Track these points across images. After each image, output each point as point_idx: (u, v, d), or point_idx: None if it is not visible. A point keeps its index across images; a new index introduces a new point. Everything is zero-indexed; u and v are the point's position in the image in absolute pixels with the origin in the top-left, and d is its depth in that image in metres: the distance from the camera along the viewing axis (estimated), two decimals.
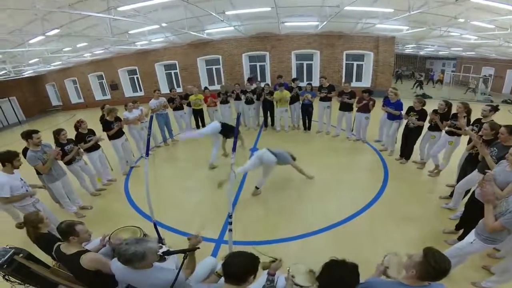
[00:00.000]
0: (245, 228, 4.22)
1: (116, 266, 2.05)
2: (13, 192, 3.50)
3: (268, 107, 8.74)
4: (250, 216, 4.57)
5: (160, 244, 2.56)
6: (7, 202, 3.57)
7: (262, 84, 8.73)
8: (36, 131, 4.21)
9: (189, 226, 4.31)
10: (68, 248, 2.31)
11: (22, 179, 3.68)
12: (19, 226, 2.76)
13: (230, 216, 2.73)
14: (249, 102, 8.74)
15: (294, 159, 5.26)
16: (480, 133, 4.05)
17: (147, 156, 3.36)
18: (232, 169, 2.75)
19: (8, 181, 3.47)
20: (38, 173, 4.62)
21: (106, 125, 5.99)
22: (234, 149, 2.80)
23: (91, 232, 2.51)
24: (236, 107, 9.17)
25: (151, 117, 3.71)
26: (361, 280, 1.82)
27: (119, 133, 6.24)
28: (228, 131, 6.13)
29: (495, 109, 4.31)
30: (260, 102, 8.74)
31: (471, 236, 2.78)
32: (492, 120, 4.08)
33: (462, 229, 3.66)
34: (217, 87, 13.72)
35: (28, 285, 2.48)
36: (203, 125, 9.05)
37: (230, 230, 2.80)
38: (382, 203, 4.76)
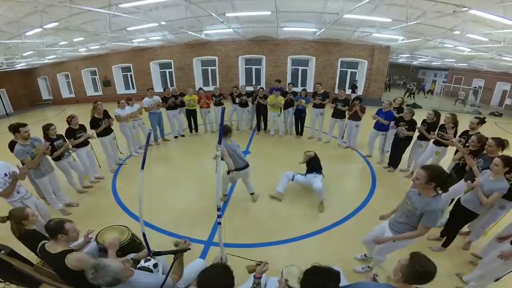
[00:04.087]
0: (235, 231, 4.23)
1: None
2: None
3: (262, 111, 8.73)
4: (241, 219, 4.57)
5: (149, 257, 2.52)
6: (5, 195, 3.44)
7: (258, 88, 8.76)
8: (24, 125, 4.09)
9: (178, 227, 4.29)
10: (53, 247, 2.26)
11: (6, 175, 3.51)
12: (2, 220, 2.69)
13: (218, 209, 2.70)
14: (243, 105, 8.75)
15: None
16: (467, 144, 4.18)
17: (143, 169, 3.21)
18: (217, 161, 2.68)
19: None
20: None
21: (94, 122, 5.88)
22: (220, 142, 2.67)
23: (79, 231, 2.48)
24: (231, 110, 9.18)
25: (149, 134, 3.53)
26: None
27: (108, 130, 6.15)
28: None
29: (482, 121, 4.46)
30: (254, 106, 8.75)
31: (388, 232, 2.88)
32: (479, 133, 4.23)
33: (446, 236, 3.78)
34: (211, 88, 13.71)
35: (9, 283, 2.43)
36: (196, 126, 9.04)
37: (219, 223, 2.77)
38: (369, 210, 4.81)
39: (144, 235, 3.07)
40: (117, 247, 2.57)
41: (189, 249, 2.33)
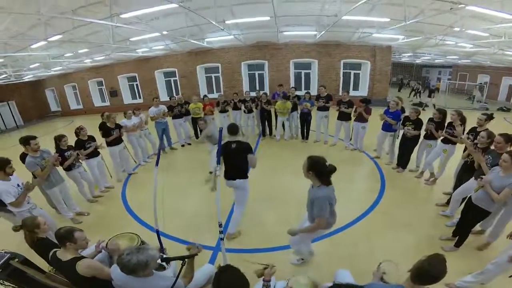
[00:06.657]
0: (242, 235, 4.23)
1: (116, 273, 2.05)
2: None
3: (266, 116, 8.76)
4: (248, 223, 4.55)
5: (161, 254, 2.55)
6: (17, 204, 3.51)
7: (261, 93, 8.80)
8: (34, 137, 4.18)
9: (187, 234, 4.31)
10: (64, 254, 2.30)
11: (19, 185, 3.61)
12: (15, 229, 2.75)
13: (220, 225, 2.75)
14: (248, 111, 8.79)
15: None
16: (475, 141, 4.12)
17: (157, 166, 3.36)
18: (216, 180, 2.78)
19: (5, 188, 3.43)
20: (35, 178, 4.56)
21: (106, 131, 6.04)
22: (218, 162, 2.83)
23: (89, 240, 2.51)
24: (234, 117, 9.21)
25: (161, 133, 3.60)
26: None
27: (118, 140, 6.28)
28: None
29: (490, 117, 4.40)
30: (259, 111, 8.77)
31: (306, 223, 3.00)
32: (487, 129, 4.15)
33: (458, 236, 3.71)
34: (215, 95, 13.80)
35: None
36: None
37: (222, 239, 2.82)
38: (379, 211, 4.77)
39: (158, 233, 3.15)
40: (120, 251, 2.60)
41: (197, 254, 2.34)
